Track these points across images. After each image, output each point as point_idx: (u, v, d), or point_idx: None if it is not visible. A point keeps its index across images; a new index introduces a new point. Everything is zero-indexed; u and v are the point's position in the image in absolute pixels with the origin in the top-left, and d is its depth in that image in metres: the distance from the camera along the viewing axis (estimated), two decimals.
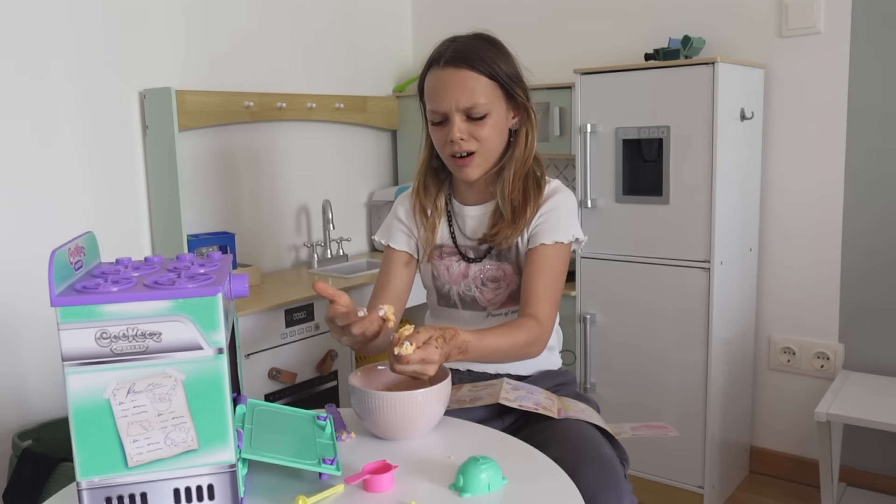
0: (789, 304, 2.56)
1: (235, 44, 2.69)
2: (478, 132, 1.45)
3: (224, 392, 0.93)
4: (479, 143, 1.45)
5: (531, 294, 1.45)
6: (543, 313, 1.43)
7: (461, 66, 1.43)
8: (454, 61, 1.44)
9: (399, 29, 3.35)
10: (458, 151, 1.45)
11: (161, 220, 2.43)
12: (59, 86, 2.21)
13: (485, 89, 1.44)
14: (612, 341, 2.50)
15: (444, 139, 1.46)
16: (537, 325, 1.42)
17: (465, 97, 1.43)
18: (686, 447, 2.39)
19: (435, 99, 1.46)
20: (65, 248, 0.93)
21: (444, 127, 1.46)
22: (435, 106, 1.46)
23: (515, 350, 1.38)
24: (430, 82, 1.48)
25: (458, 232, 1.58)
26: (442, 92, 1.44)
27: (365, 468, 1.04)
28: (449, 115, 1.44)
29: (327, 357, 2.47)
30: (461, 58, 1.44)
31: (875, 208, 2.38)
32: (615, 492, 1.21)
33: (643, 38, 2.70)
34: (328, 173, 3.06)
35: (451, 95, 1.43)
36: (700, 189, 2.26)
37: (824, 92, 2.42)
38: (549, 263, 1.47)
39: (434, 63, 1.47)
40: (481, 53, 1.45)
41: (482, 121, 1.45)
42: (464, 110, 1.44)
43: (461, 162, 1.47)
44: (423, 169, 1.59)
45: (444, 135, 1.46)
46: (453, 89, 1.43)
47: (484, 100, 1.44)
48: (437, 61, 1.46)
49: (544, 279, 1.46)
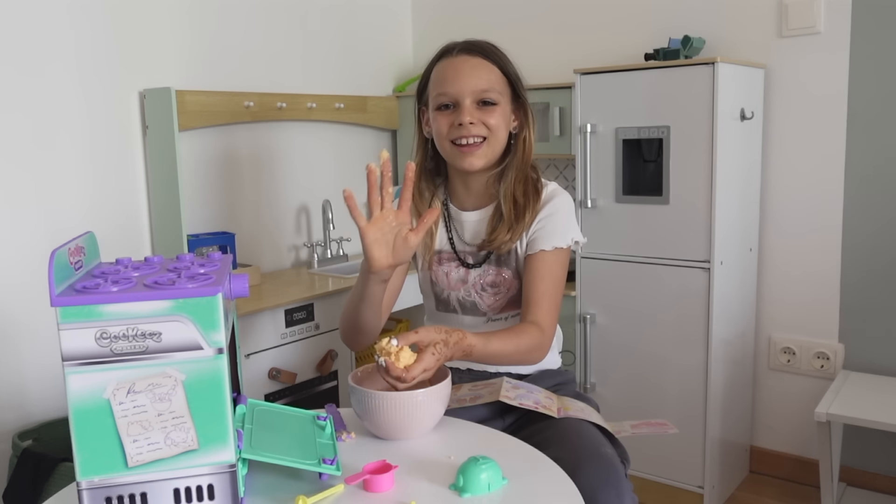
0: (789, 304, 2.56)
1: (235, 44, 2.69)
2: (488, 119, 1.45)
3: (224, 392, 0.93)
4: (489, 129, 1.45)
5: (532, 300, 1.45)
6: (544, 320, 1.44)
7: (477, 54, 1.46)
8: (469, 50, 1.47)
9: (399, 29, 3.35)
10: (466, 136, 1.44)
11: (161, 220, 2.43)
12: (59, 86, 2.21)
13: (497, 80, 1.46)
14: (612, 341, 2.50)
15: (451, 124, 1.45)
16: (539, 331, 1.42)
17: (480, 81, 1.44)
18: (686, 447, 2.39)
19: (445, 83, 1.45)
20: (65, 248, 0.93)
21: (452, 112, 1.45)
22: (445, 89, 1.45)
23: (517, 356, 1.39)
24: (440, 70, 1.48)
25: (457, 237, 1.57)
26: (454, 77, 1.44)
27: (365, 468, 1.04)
28: (460, 99, 1.44)
29: (327, 357, 2.47)
30: (477, 48, 1.47)
31: (875, 208, 2.38)
32: (616, 490, 1.21)
33: (643, 38, 2.70)
34: (328, 173, 3.06)
35: (464, 79, 1.44)
36: (700, 189, 2.26)
37: (824, 92, 2.42)
38: (549, 269, 1.47)
39: (446, 53, 1.48)
40: (493, 49, 1.49)
41: (493, 108, 1.45)
42: (477, 94, 1.44)
43: (466, 149, 1.45)
44: (417, 172, 1.57)
45: (451, 119, 1.45)
46: (467, 74, 1.44)
47: (498, 87, 1.46)
48: (450, 51, 1.48)
49: (544, 285, 1.46)
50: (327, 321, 2.47)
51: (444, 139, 1.48)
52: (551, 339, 1.46)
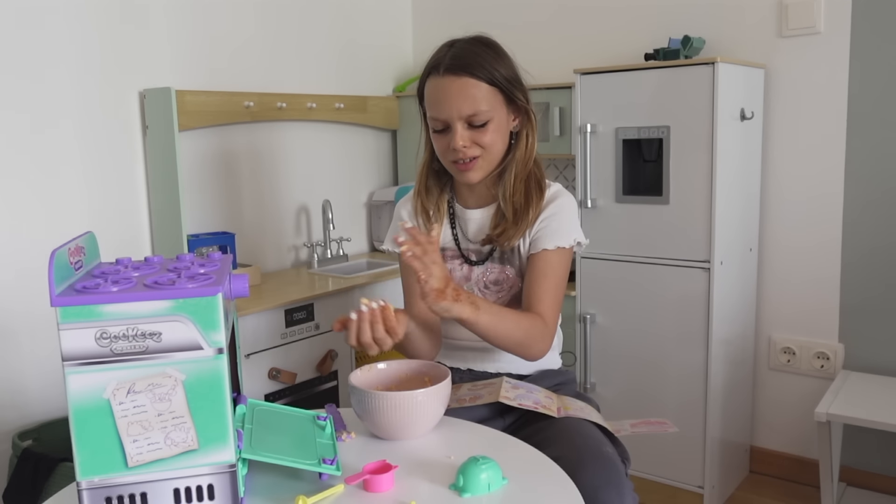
0: (789, 304, 2.56)
1: (235, 44, 2.69)
2: (480, 138, 1.44)
3: (224, 392, 0.93)
4: (482, 148, 1.45)
5: (533, 298, 1.46)
6: (547, 314, 1.44)
7: (461, 74, 1.42)
8: (453, 69, 1.42)
9: (399, 29, 3.35)
10: (462, 158, 1.45)
11: (161, 220, 2.43)
12: (59, 86, 2.21)
13: (485, 95, 1.43)
14: (612, 341, 2.50)
15: (446, 147, 1.46)
16: (542, 322, 1.43)
17: (466, 105, 1.42)
18: (686, 447, 2.39)
19: (436, 107, 1.45)
20: (65, 248, 0.93)
21: (446, 135, 1.46)
22: (436, 114, 1.45)
23: (519, 332, 1.39)
24: (429, 90, 1.47)
25: (461, 235, 1.58)
26: (443, 100, 1.43)
27: (365, 468, 1.04)
28: (451, 123, 1.43)
29: (327, 357, 2.47)
30: (461, 65, 1.42)
31: (875, 208, 2.38)
32: (617, 489, 1.21)
33: (643, 38, 2.70)
34: (328, 173, 3.06)
35: (452, 104, 1.42)
36: (700, 189, 2.26)
37: (824, 92, 2.42)
38: (552, 268, 1.47)
39: (433, 70, 1.46)
40: (480, 59, 1.43)
41: (484, 127, 1.44)
42: (465, 118, 1.43)
43: (463, 167, 1.47)
44: (424, 171, 1.58)
45: (446, 143, 1.46)
46: (454, 98, 1.42)
47: (485, 106, 1.43)
48: (437, 68, 1.45)
49: (546, 284, 1.46)
50: (327, 321, 2.47)
51: (444, 159, 1.50)
52: (553, 334, 1.46)
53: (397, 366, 1.33)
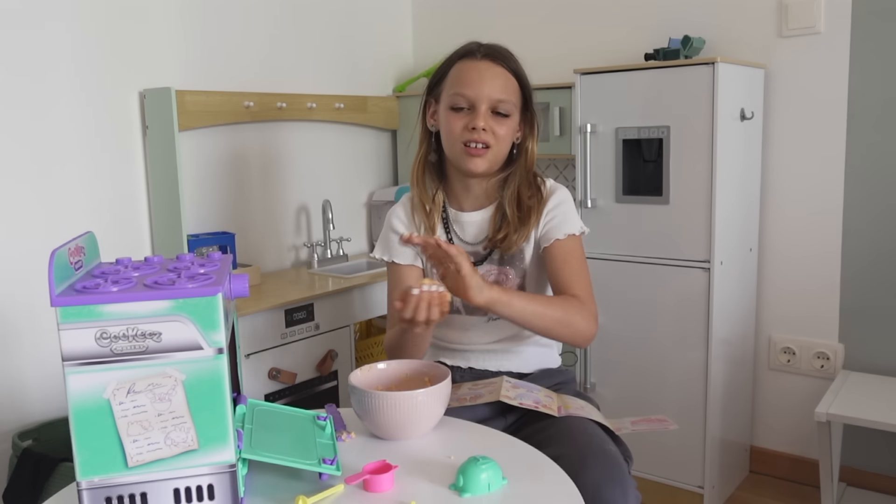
0: (789, 304, 2.56)
1: (235, 44, 2.68)
2: (497, 129, 1.47)
3: (224, 392, 0.93)
4: (495, 139, 1.47)
5: (563, 283, 1.47)
6: (581, 294, 1.45)
7: (499, 63, 1.48)
8: (493, 56, 1.48)
9: (399, 29, 3.35)
10: (477, 140, 1.46)
11: (161, 220, 2.43)
12: (59, 86, 2.21)
13: (514, 90, 1.49)
14: (612, 341, 2.50)
15: (464, 125, 1.47)
16: (578, 300, 1.43)
17: (497, 90, 1.46)
18: (686, 447, 2.39)
19: (465, 85, 1.46)
20: (65, 248, 0.93)
21: (466, 114, 1.47)
22: (463, 91, 1.46)
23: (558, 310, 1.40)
24: (461, 69, 1.49)
25: (457, 238, 1.57)
26: (476, 81, 1.46)
27: (365, 468, 1.04)
28: (477, 103, 1.46)
29: (327, 357, 2.47)
30: (499, 55, 1.49)
31: (875, 208, 2.38)
32: (621, 487, 1.21)
33: (643, 38, 2.70)
34: (328, 173, 3.06)
35: (484, 85, 1.45)
36: (700, 189, 2.26)
37: (824, 92, 2.42)
38: (571, 254, 1.49)
39: (469, 54, 1.49)
40: (514, 60, 1.51)
41: (504, 119, 1.48)
42: (493, 102, 1.46)
43: (475, 151, 1.47)
44: (420, 164, 1.58)
45: (465, 121, 1.47)
46: (490, 81, 1.46)
47: (513, 98, 1.48)
48: (474, 53, 1.49)
49: (570, 268, 1.48)
50: (327, 321, 2.47)
51: (456, 140, 1.48)
52: (594, 312, 1.45)
53: (397, 366, 1.33)
